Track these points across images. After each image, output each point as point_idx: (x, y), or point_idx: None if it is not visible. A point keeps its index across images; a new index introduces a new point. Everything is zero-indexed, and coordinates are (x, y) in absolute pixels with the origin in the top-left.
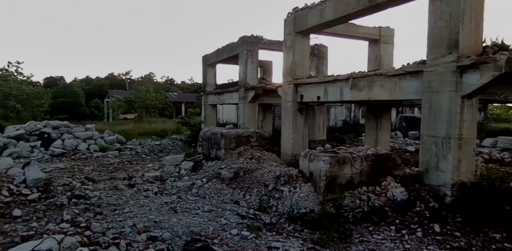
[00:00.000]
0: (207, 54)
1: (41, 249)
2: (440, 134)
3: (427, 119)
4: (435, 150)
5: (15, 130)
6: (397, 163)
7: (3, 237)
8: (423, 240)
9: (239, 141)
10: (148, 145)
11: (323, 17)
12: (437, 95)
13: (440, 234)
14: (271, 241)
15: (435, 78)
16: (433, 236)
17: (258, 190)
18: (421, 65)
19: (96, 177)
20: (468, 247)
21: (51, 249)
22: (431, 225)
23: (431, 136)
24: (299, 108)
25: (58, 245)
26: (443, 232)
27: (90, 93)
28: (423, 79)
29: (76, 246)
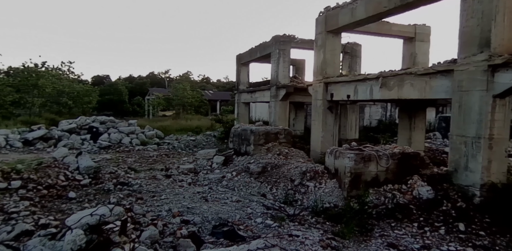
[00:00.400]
0: (240, 54)
1: (97, 213)
2: (470, 133)
3: (457, 119)
4: (465, 149)
5: (67, 124)
6: (425, 162)
7: (61, 214)
8: (445, 237)
9: (267, 137)
10: (184, 140)
11: (354, 16)
12: (468, 94)
13: (464, 232)
14: (293, 230)
15: (465, 78)
16: (456, 234)
17: (285, 184)
18: (452, 64)
19: (138, 168)
20: (492, 246)
21: (104, 214)
22: (456, 224)
23: (460, 136)
24: (329, 106)
25: (110, 212)
26: (468, 231)
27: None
28: (454, 79)
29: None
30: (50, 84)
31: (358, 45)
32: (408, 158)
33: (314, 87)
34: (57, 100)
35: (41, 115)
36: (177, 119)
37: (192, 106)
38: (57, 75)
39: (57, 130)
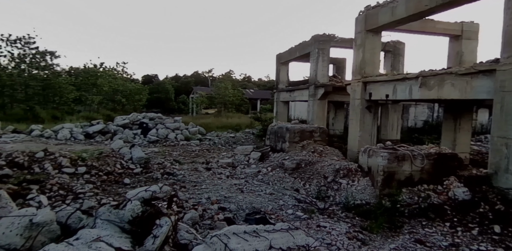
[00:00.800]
0: (280, 53)
1: (150, 190)
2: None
3: (498, 120)
4: (506, 151)
5: (121, 120)
6: (463, 163)
7: (118, 196)
8: (477, 237)
9: (302, 135)
10: (224, 137)
11: (394, 15)
12: (510, 95)
13: (498, 234)
14: (322, 222)
15: (508, 78)
16: (490, 235)
17: (318, 180)
18: (494, 64)
19: (182, 160)
20: None
21: (155, 191)
22: (491, 226)
23: (501, 137)
24: (367, 106)
25: (160, 189)
26: (503, 233)
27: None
28: (496, 79)
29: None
30: (107, 83)
31: (401, 44)
32: (445, 158)
33: (352, 86)
34: (112, 98)
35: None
36: (218, 117)
37: (233, 105)
38: (113, 75)
39: (113, 125)
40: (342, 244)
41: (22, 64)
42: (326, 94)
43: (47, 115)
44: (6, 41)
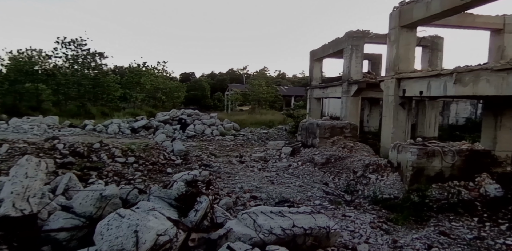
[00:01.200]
0: (314, 50)
1: (191, 173)
2: None
3: None
4: None
5: (162, 116)
6: (497, 160)
7: (163, 184)
8: (505, 232)
9: (333, 131)
10: (257, 132)
11: (429, 10)
12: None
13: None
14: (348, 212)
15: None
16: None
17: (347, 175)
18: None
19: (217, 153)
20: None
21: (196, 175)
22: None
23: None
24: (401, 102)
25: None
26: None
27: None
28: None
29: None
30: (149, 81)
31: (439, 38)
32: (477, 155)
33: (385, 83)
34: (154, 95)
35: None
36: (252, 114)
37: (267, 102)
38: (154, 73)
39: (155, 121)
40: (365, 232)
41: (75, 64)
42: (360, 91)
43: (97, 112)
44: (61, 44)
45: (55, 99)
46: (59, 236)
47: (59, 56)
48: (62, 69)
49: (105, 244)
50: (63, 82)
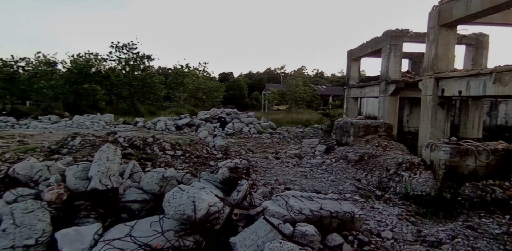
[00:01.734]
0: (352, 49)
1: (233, 162)
2: None
3: None
4: None
5: (203, 114)
6: None
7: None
8: None
9: (367, 130)
10: (293, 131)
11: (470, 9)
12: None
13: None
14: (377, 205)
15: None
16: None
17: (380, 172)
18: None
19: (254, 150)
20: None
21: (237, 162)
22: None
23: None
24: (439, 102)
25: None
26: None
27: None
28: None
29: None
30: (191, 82)
31: (484, 36)
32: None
33: (424, 82)
34: (195, 95)
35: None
36: (289, 113)
37: (304, 101)
38: (196, 74)
39: (197, 119)
40: (391, 222)
41: (126, 66)
42: (398, 90)
43: (145, 110)
44: (115, 48)
45: (108, 99)
46: (133, 206)
47: (113, 59)
48: (116, 71)
49: (172, 210)
50: (116, 83)
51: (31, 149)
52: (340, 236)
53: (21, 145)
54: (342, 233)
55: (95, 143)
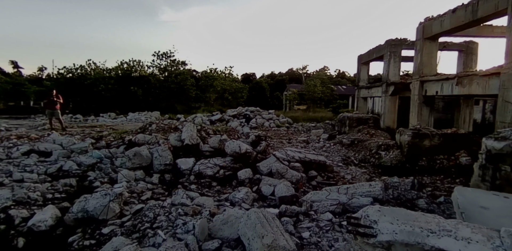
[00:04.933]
0: (361, 54)
1: (257, 132)
2: None
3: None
4: None
5: (231, 112)
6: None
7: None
8: (453, 181)
9: (359, 122)
10: (306, 126)
11: (443, 26)
12: (508, 91)
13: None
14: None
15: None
16: (454, 180)
17: (364, 152)
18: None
19: (273, 138)
20: None
21: (260, 133)
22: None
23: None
24: (424, 101)
25: (261, 133)
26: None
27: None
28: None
29: (265, 135)
30: (219, 84)
31: (474, 43)
32: (458, 137)
33: (412, 84)
34: (222, 95)
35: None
36: (306, 112)
37: (322, 101)
38: (223, 77)
39: (226, 115)
40: (355, 173)
41: (165, 72)
42: (397, 91)
43: (181, 109)
44: (156, 56)
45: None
46: (206, 153)
47: (154, 66)
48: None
49: (229, 149)
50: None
51: (124, 132)
52: (316, 172)
53: (113, 130)
54: (318, 172)
55: (164, 128)
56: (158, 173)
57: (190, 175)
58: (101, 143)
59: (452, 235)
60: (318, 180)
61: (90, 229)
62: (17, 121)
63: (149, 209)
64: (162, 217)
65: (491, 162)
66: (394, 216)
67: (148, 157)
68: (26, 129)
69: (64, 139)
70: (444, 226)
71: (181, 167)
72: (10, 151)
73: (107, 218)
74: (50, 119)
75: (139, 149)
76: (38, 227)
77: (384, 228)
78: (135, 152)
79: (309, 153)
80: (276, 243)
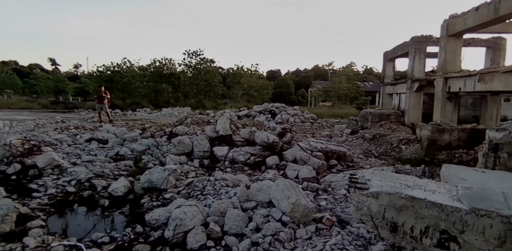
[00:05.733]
0: (387, 51)
1: (283, 125)
2: None
3: None
4: None
5: (258, 108)
6: None
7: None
8: None
9: (381, 117)
10: (330, 121)
11: (466, 24)
12: None
13: None
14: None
15: None
16: None
17: (386, 146)
18: None
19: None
20: None
21: (286, 126)
22: None
23: None
24: (448, 97)
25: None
26: None
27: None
28: None
29: (289, 127)
30: (246, 81)
31: (502, 39)
32: (478, 132)
33: (436, 81)
34: (248, 92)
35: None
36: (331, 108)
37: (348, 98)
38: (249, 74)
39: (252, 111)
40: (375, 164)
41: (195, 70)
42: (421, 87)
43: (209, 105)
44: (187, 54)
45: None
46: (238, 143)
47: (185, 64)
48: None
49: (259, 139)
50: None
51: (163, 125)
52: (336, 161)
53: (153, 123)
54: (339, 161)
55: (198, 122)
56: (198, 159)
57: (225, 161)
58: (146, 134)
59: (422, 188)
60: (338, 168)
61: (154, 195)
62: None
63: (198, 181)
64: (209, 187)
65: (492, 150)
66: (383, 176)
67: (189, 145)
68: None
69: (116, 129)
70: (417, 182)
71: (217, 153)
72: (75, 138)
73: (166, 187)
74: (99, 112)
75: (182, 137)
76: (116, 193)
77: (374, 184)
78: (179, 140)
79: (331, 144)
80: (299, 202)
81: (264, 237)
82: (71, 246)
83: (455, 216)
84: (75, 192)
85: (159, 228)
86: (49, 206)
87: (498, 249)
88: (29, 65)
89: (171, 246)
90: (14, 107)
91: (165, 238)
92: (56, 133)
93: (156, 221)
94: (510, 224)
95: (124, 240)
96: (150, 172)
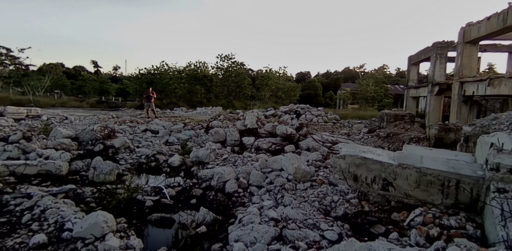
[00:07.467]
0: (411, 55)
1: (300, 120)
2: None
3: None
4: None
5: (284, 108)
6: None
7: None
8: None
9: (396, 118)
10: (352, 122)
11: (479, 32)
12: None
13: None
14: None
15: None
16: None
17: (397, 143)
18: None
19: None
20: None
21: (303, 122)
22: None
23: None
24: (464, 100)
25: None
26: None
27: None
28: None
29: (305, 124)
30: (274, 83)
31: None
32: None
33: (453, 85)
34: (276, 94)
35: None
36: (357, 110)
37: (375, 101)
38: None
39: (279, 111)
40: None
41: (226, 72)
42: (441, 91)
43: (239, 105)
44: (220, 58)
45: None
46: (262, 135)
47: (217, 67)
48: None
49: (279, 131)
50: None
51: (200, 120)
52: None
53: (191, 119)
54: None
55: (229, 118)
56: (230, 146)
57: (251, 148)
58: (187, 127)
59: (373, 152)
60: None
61: (200, 166)
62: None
63: (231, 157)
64: (239, 161)
65: (465, 141)
66: (349, 147)
67: (223, 135)
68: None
69: (164, 123)
70: (371, 150)
71: (245, 142)
72: (134, 129)
73: (209, 161)
74: (147, 110)
75: (218, 129)
76: (173, 164)
77: (343, 150)
78: (216, 130)
79: (341, 137)
80: (300, 167)
81: (275, 187)
82: (155, 187)
83: (390, 169)
84: (145, 162)
85: (207, 181)
86: (132, 170)
87: (416, 189)
88: (74, 67)
89: (215, 190)
90: (66, 106)
91: (211, 186)
92: (118, 125)
93: (205, 176)
94: (421, 172)
95: (186, 186)
96: (196, 149)
